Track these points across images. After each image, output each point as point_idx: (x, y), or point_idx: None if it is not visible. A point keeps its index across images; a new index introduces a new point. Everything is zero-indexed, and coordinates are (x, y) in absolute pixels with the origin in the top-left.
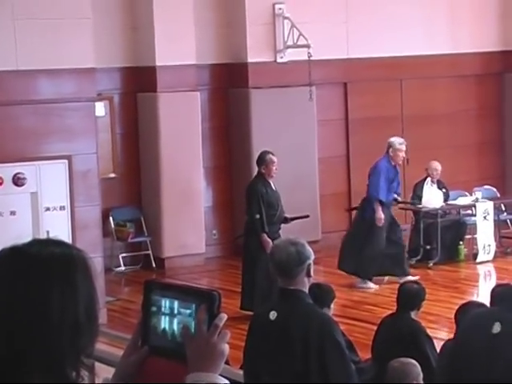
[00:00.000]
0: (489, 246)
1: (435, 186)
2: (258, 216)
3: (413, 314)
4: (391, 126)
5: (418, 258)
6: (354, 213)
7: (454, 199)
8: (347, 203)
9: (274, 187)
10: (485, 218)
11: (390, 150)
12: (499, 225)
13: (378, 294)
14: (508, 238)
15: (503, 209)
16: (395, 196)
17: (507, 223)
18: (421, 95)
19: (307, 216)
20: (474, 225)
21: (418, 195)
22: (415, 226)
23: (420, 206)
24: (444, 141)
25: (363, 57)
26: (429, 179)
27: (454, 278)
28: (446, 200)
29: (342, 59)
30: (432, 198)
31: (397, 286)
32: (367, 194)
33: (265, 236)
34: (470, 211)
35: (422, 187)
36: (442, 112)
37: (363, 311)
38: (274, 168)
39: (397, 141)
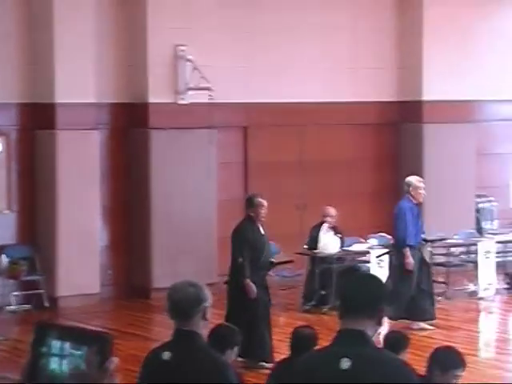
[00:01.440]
0: None
1: (331, 232)
2: (241, 260)
3: None
4: (290, 171)
5: (313, 303)
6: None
7: (350, 246)
8: None
9: (262, 231)
10: (379, 264)
11: (410, 188)
12: None
13: (273, 338)
14: None
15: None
16: (424, 236)
17: None
18: (320, 142)
19: (292, 261)
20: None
21: (313, 237)
22: (311, 271)
23: (316, 251)
24: (341, 187)
25: (263, 101)
26: (325, 225)
27: None
28: (341, 246)
29: (242, 103)
30: (328, 243)
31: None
32: (395, 239)
33: (248, 281)
34: (364, 258)
35: (318, 232)
36: (340, 159)
37: None
38: (263, 211)
39: (415, 179)
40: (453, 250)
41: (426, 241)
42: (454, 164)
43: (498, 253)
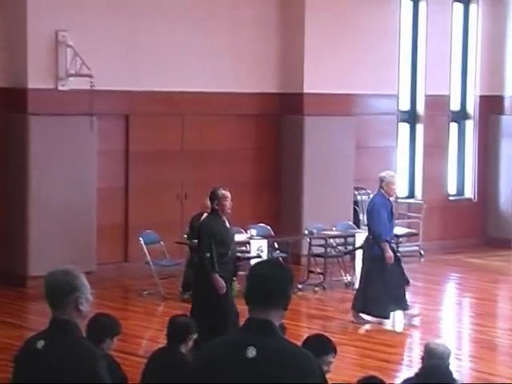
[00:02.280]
0: None
1: None
2: (208, 255)
3: (183, 348)
4: (171, 160)
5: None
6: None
7: None
8: (124, 235)
9: (228, 225)
10: (258, 255)
11: (383, 183)
12: None
13: (148, 326)
14: None
15: (276, 246)
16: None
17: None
18: (201, 131)
19: (259, 256)
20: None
21: (193, 227)
22: (190, 261)
23: (196, 240)
24: (222, 178)
25: (146, 90)
26: (205, 214)
27: None
28: None
29: (124, 91)
30: None
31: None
32: (370, 233)
33: (216, 275)
34: (244, 248)
35: (199, 220)
36: (222, 149)
37: (134, 344)
38: (228, 203)
39: (389, 174)
40: (331, 241)
41: (397, 236)
42: (333, 156)
43: None
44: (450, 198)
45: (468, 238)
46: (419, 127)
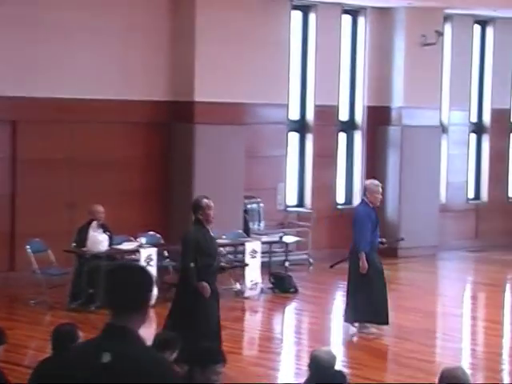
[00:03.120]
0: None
1: (100, 229)
2: (192, 265)
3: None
4: (60, 168)
5: (81, 301)
6: None
7: (119, 244)
8: (10, 243)
9: (212, 234)
10: (148, 263)
11: (367, 193)
12: (161, 270)
13: (34, 336)
14: (168, 283)
15: (166, 255)
16: (381, 239)
17: (168, 269)
18: (91, 139)
19: (246, 264)
20: None
21: (82, 235)
22: (78, 269)
23: (85, 249)
24: (111, 186)
25: (34, 96)
26: (94, 223)
27: None
28: (110, 244)
29: (11, 97)
30: (96, 241)
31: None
32: (353, 244)
33: (201, 283)
34: (134, 256)
35: (87, 231)
36: (111, 158)
37: (20, 354)
38: (212, 213)
39: (372, 183)
40: (220, 249)
41: (382, 243)
42: (223, 165)
43: (263, 253)
44: (339, 206)
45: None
46: (309, 137)
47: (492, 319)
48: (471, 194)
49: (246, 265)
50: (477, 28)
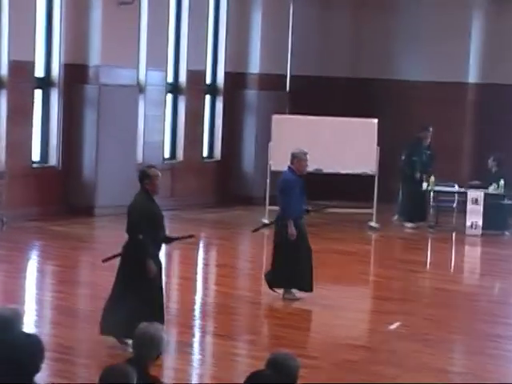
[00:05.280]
0: None
1: None
2: (141, 236)
3: None
4: None
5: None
6: None
7: None
8: None
9: (157, 205)
10: None
11: (295, 160)
12: None
13: None
14: None
15: None
16: (307, 207)
17: None
18: None
19: (192, 236)
20: None
21: None
22: None
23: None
24: None
25: None
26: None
27: None
28: None
29: None
30: None
31: None
32: (280, 211)
33: (150, 261)
34: None
35: None
36: None
37: None
38: (158, 183)
39: (301, 151)
40: None
41: (307, 211)
42: None
43: None
44: (34, 165)
45: (51, 206)
46: (3, 93)
47: (185, 276)
48: (167, 154)
49: (193, 236)
50: None
